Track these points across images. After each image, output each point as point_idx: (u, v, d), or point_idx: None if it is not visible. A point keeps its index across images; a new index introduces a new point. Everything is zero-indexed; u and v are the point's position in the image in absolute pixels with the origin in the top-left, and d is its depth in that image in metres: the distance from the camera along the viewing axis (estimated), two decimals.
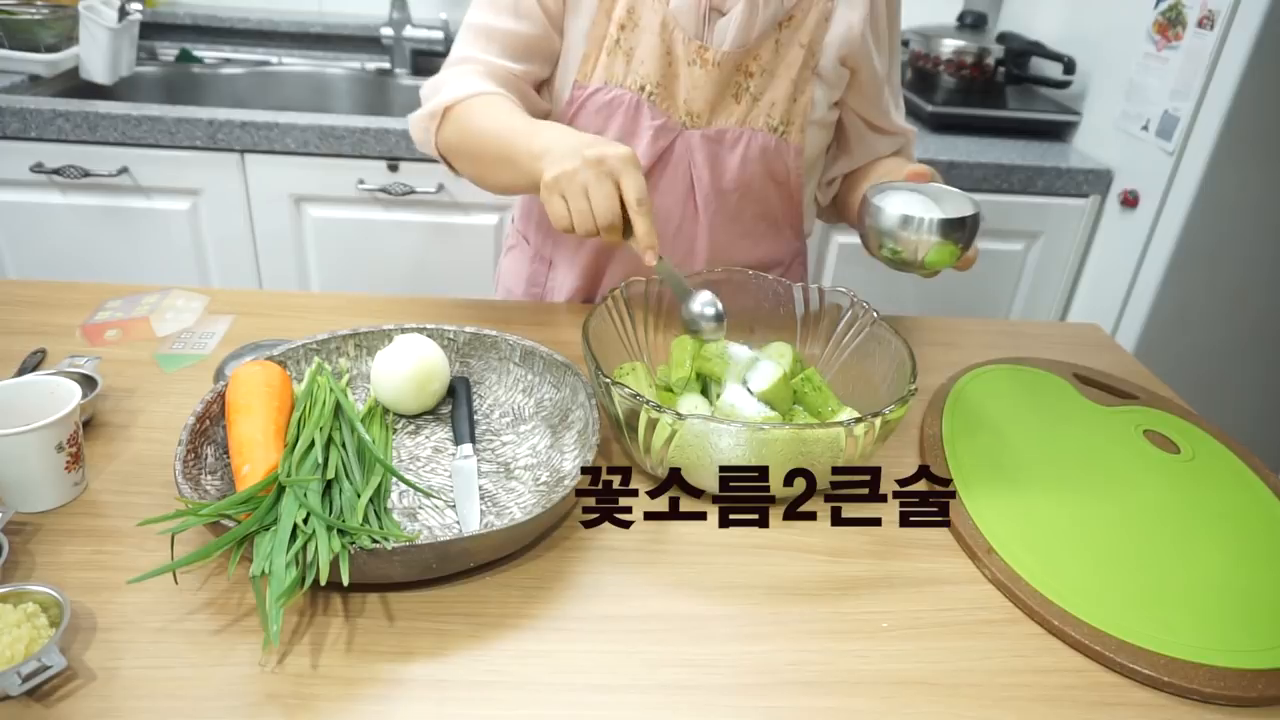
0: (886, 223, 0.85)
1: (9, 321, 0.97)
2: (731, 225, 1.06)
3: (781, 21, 0.97)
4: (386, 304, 1.07)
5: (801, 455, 0.72)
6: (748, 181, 1.03)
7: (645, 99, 0.98)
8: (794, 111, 1.00)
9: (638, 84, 0.98)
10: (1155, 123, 1.65)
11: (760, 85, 0.99)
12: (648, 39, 0.96)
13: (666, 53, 0.96)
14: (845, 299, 0.91)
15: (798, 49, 0.98)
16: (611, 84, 0.98)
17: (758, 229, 1.09)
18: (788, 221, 1.11)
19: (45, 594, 0.60)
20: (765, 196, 1.06)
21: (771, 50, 0.98)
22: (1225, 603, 0.71)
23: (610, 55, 0.97)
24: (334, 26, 2.10)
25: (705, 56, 0.96)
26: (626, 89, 0.98)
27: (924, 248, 0.84)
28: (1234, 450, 0.91)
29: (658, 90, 0.98)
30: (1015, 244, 1.84)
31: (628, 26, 0.96)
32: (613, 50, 0.97)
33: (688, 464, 0.74)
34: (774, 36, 0.97)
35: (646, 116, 0.98)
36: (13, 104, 1.55)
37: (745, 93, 0.99)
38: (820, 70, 0.99)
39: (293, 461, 0.71)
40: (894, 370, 0.82)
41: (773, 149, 1.01)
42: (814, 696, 0.61)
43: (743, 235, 1.08)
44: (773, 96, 0.99)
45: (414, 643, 0.63)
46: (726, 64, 0.96)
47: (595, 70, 0.98)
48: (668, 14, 0.95)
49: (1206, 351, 1.77)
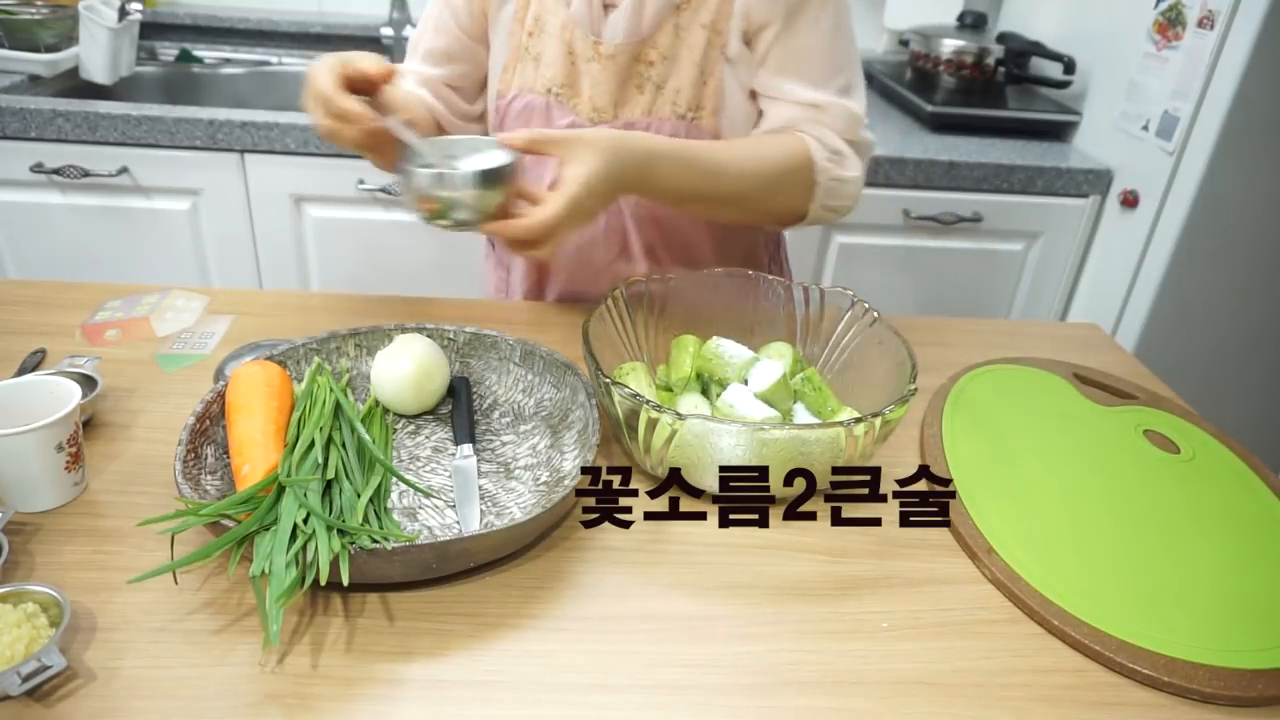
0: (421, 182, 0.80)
1: (9, 321, 0.97)
2: (663, 213, 1.05)
3: (679, 5, 0.95)
4: (386, 304, 1.07)
5: (801, 455, 0.72)
6: None
7: (553, 100, 0.99)
8: (704, 96, 0.98)
9: (545, 86, 0.99)
10: (1155, 123, 1.65)
11: (663, 73, 0.97)
12: (551, 42, 0.98)
13: (568, 53, 0.98)
14: (845, 299, 0.91)
15: (700, 31, 0.95)
16: (525, 90, 1.01)
17: (695, 221, 1.07)
18: None
19: (45, 594, 0.60)
20: None
21: (671, 36, 0.96)
22: (1225, 602, 0.71)
23: (522, 63, 1.00)
24: (334, 26, 2.10)
25: (600, 51, 0.96)
26: (537, 93, 1.00)
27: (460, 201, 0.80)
28: (1234, 450, 0.91)
29: (563, 90, 0.99)
30: (1015, 244, 1.84)
31: (535, 33, 0.99)
32: (523, 57, 1.00)
33: (688, 464, 0.74)
34: (672, 21, 0.96)
35: (557, 117, 1.00)
36: (13, 104, 1.55)
37: (648, 82, 0.98)
38: (729, 52, 0.97)
39: (293, 461, 0.71)
40: (894, 370, 0.82)
41: (683, 135, 0.98)
42: (814, 696, 0.61)
43: (687, 224, 1.06)
44: (677, 83, 0.97)
45: (414, 643, 0.63)
46: (621, 56, 0.96)
47: (513, 79, 1.02)
48: (567, 15, 0.97)
49: (1206, 351, 1.77)
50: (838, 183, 0.98)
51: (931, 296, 1.88)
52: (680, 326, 0.93)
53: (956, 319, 1.19)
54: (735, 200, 0.97)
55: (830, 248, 1.82)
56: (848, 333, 0.91)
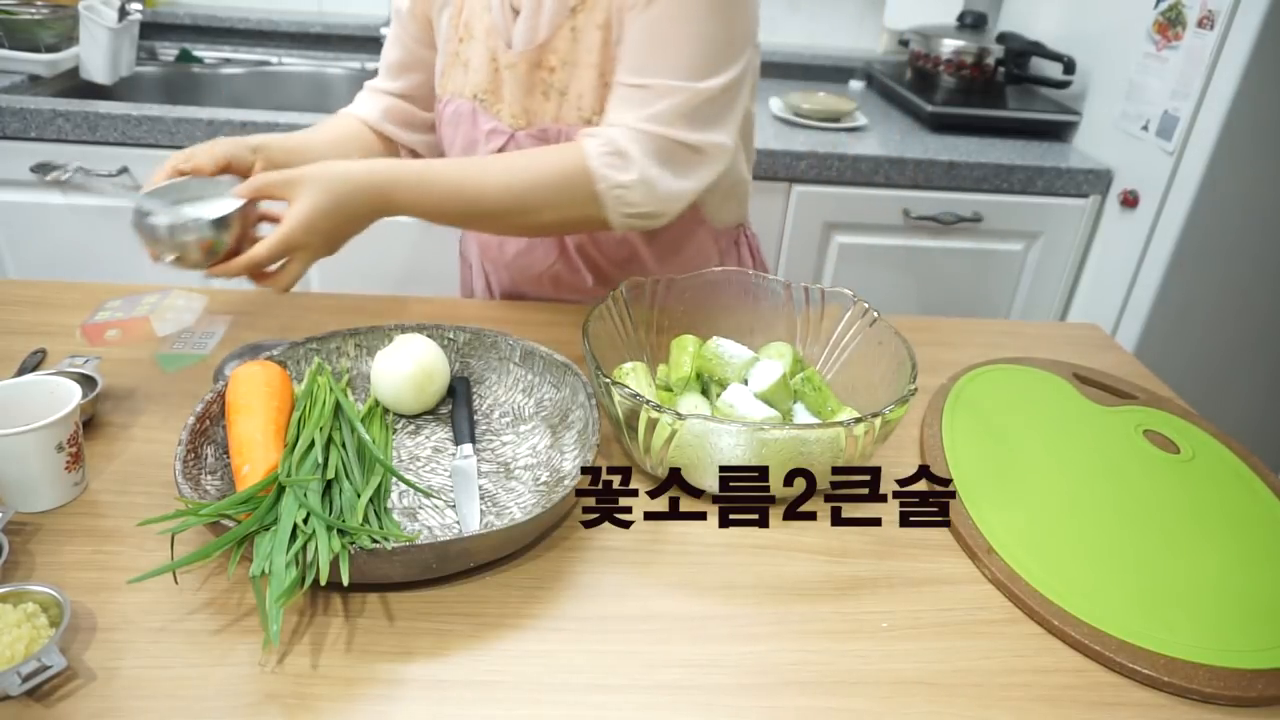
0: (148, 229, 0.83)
1: (9, 321, 0.97)
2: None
3: (575, 7, 0.91)
4: (386, 304, 1.07)
5: (801, 455, 0.72)
6: None
7: (478, 105, 0.99)
8: (606, 99, 0.93)
9: (472, 92, 0.99)
10: (1155, 123, 1.65)
11: (564, 79, 0.94)
12: (477, 48, 0.98)
13: (492, 59, 0.97)
14: (845, 299, 0.91)
15: (595, 31, 0.91)
16: (455, 95, 1.01)
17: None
18: None
19: (45, 594, 0.60)
20: None
21: (569, 41, 0.92)
22: (1225, 602, 0.71)
23: (454, 68, 1.01)
24: (334, 26, 2.10)
25: (507, 59, 0.96)
26: (464, 98, 1.00)
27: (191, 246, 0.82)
28: (1234, 450, 0.91)
29: (487, 95, 0.99)
30: (1015, 244, 1.84)
31: (465, 38, 0.99)
32: (454, 63, 1.00)
33: (688, 464, 0.74)
34: (569, 25, 0.92)
35: (481, 122, 1.00)
36: (13, 104, 1.55)
37: (552, 89, 0.95)
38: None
39: (293, 461, 0.71)
40: (894, 370, 0.82)
41: None
42: (814, 696, 0.61)
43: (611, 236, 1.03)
44: (579, 88, 0.94)
45: (414, 643, 0.63)
46: (522, 64, 0.95)
47: (447, 84, 1.02)
48: (490, 21, 0.96)
49: (1206, 351, 1.77)
50: (621, 189, 0.87)
51: (931, 296, 1.88)
52: (680, 327, 0.93)
53: (956, 319, 1.19)
54: (498, 216, 0.90)
55: (830, 248, 1.82)
56: (848, 333, 0.91)
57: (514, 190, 0.88)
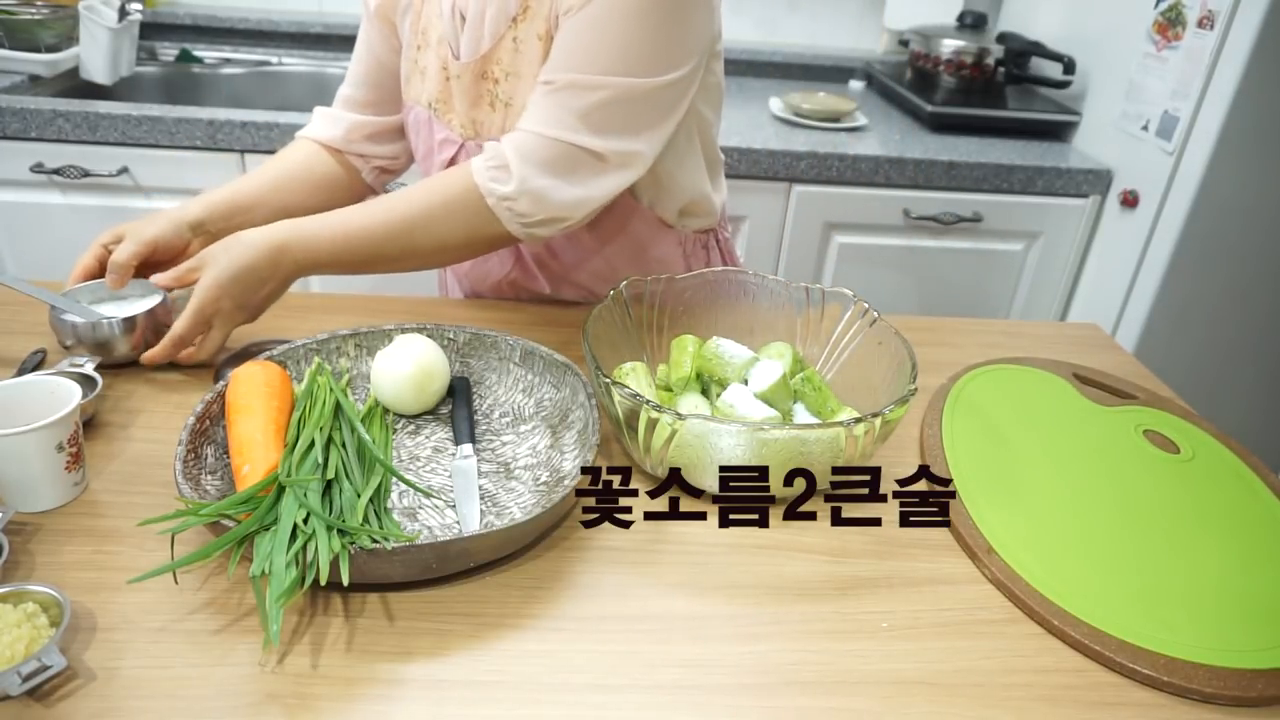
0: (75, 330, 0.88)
1: (9, 321, 0.97)
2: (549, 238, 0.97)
3: (515, 17, 0.89)
4: (386, 304, 1.07)
5: (801, 455, 0.72)
6: None
7: (432, 114, 0.99)
8: None
9: (427, 100, 0.99)
10: (1155, 123, 1.65)
11: (509, 90, 0.92)
12: (431, 56, 0.97)
13: (443, 68, 0.96)
14: (845, 299, 0.91)
15: (536, 42, 0.89)
16: (414, 103, 1.01)
17: (582, 233, 1.01)
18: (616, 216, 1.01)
19: (45, 594, 0.60)
20: None
21: (511, 50, 0.90)
22: (1225, 602, 0.71)
23: (413, 75, 1.00)
24: (334, 26, 2.10)
25: (455, 68, 0.95)
26: (422, 106, 1.00)
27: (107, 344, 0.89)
28: (1234, 450, 0.91)
29: (440, 105, 0.98)
30: (1015, 244, 1.84)
31: (422, 46, 0.98)
32: (414, 70, 1.00)
33: (688, 464, 0.74)
34: (510, 35, 0.90)
35: (436, 130, 0.99)
36: (13, 104, 1.56)
37: (497, 100, 0.93)
38: None
39: (293, 461, 0.71)
40: (894, 370, 0.82)
41: None
42: (814, 696, 0.61)
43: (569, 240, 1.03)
44: (523, 100, 0.91)
45: (414, 643, 0.63)
46: (467, 75, 0.94)
47: (409, 90, 1.02)
48: (443, 29, 0.96)
49: (1206, 351, 1.77)
50: (509, 201, 0.86)
51: (931, 296, 1.88)
52: (680, 327, 0.93)
53: (956, 319, 1.19)
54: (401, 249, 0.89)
55: (830, 248, 1.82)
56: (848, 333, 0.91)
57: (410, 219, 0.88)
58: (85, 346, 0.88)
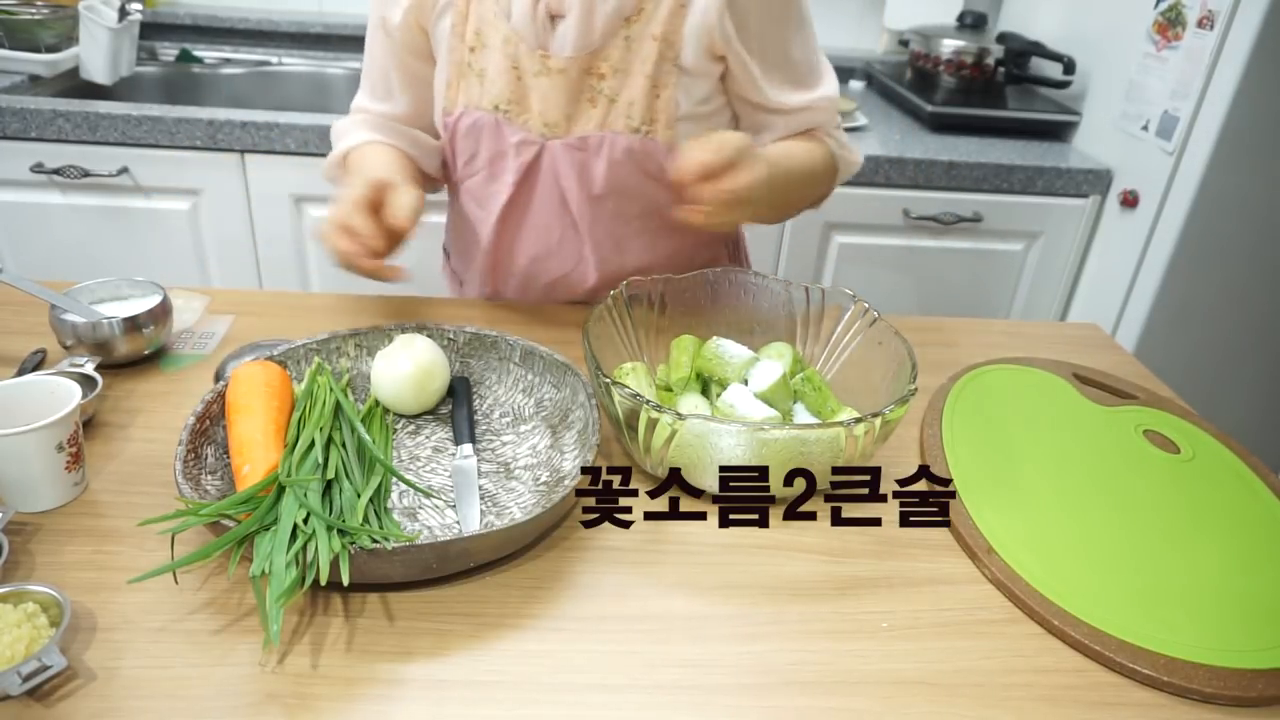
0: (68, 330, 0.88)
1: (9, 321, 0.97)
2: (616, 229, 1.04)
3: (629, 17, 0.93)
4: (386, 304, 1.07)
5: (801, 455, 0.72)
6: (619, 184, 1.00)
7: (501, 116, 0.98)
8: (656, 109, 0.95)
9: (492, 103, 0.97)
10: (1155, 123, 1.65)
11: (615, 86, 0.95)
12: (494, 57, 0.96)
13: (513, 67, 0.95)
14: (845, 299, 0.91)
15: (651, 43, 0.93)
16: (471, 107, 0.99)
17: (649, 227, 1.05)
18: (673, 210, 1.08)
19: (45, 594, 0.60)
20: (646, 195, 1.02)
21: (622, 48, 0.93)
22: (1225, 602, 0.71)
23: (465, 79, 0.98)
24: (334, 26, 2.10)
25: (549, 65, 0.94)
26: (484, 110, 0.98)
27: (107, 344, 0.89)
28: (1234, 450, 0.91)
29: (511, 106, 0.97)
30: (1015, 244, 1.84)
31: (476, 48, 0.96)
32: (466, 74, 0.98)
33: (688, 464, 0.74)
34: (623, 33, 0.93)
35: (507, 134, 0.98)
36: (13, 104, 1.56)
37: (600, 96, 0.95)
38: (682, 63, 0.94)
39: (293, 461, 0.71)
40: (894, 370, 0.82)
41: (639, 149, 0.97)
42: (814, 696, 0.61)
43: (633, 236, 1.05)
44: (630, 96, 0.95)
45: (414, 643, 0.63)
46: (572, 70, 0.94)
47: (458, 95, 0.99)
48: (509, 29, 0.94)
49: (1206, 351, 1.77)
50: (848, 165, 1.08)
51: (931, 296, 1.88)
52: (680, 327, 0.93)
53: (956, 319, 1.19)
54: (804, 204, 1.08)
55: (830, 248, 1.82)
56: (848, 333, 0.91)
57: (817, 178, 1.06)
58: (85, 346, 0.88)
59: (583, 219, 1.02)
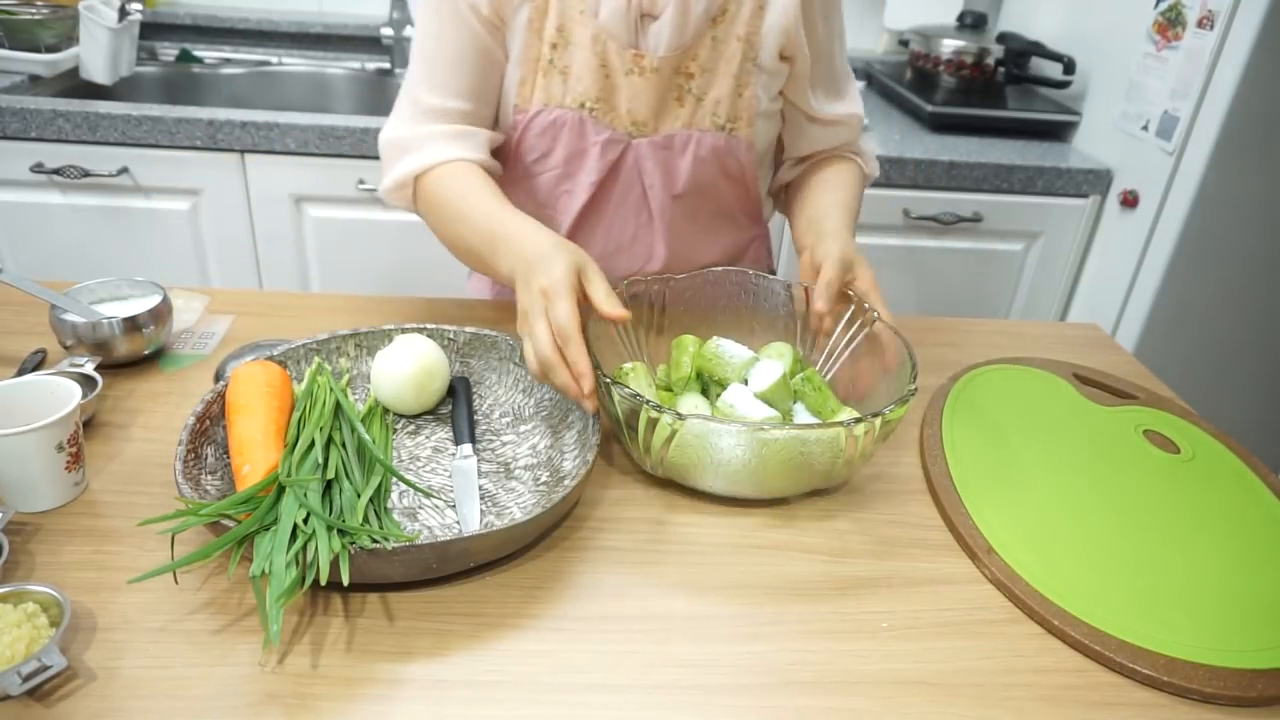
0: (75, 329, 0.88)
1: (9, 321, 0.97)
2: (688, 226, 1.06)
3: (715, 17, 0.95)
4: (386, 304, 1.07)
5: (801, 455, 0.72)
6: (700, 182, 1.02)
7: (587, 115, 0.97)
8: (739, 107, 0.99)
9: (577, 101, 0.97)
10: (1155, 123, 1.65)
11: (702, 85, 0.97)
12: (581, 55, 0.95)
13: (602, 65, 0.95)
14: (846, 299, 0.91)
15: (735, 43, 0.96)
16: (551, 105, 0.97)
17: (714, 225, 1.09)
18: (744, 212, 1.11)
19: (45, 594, 0.60)
20: (719, 193, 1.05)
21: (709, 48, 0.96)
22: (1225, 602, 0.71)
23: (546, 76, 0.96)
24: (334, 26, 2.10)
25: (642, 64, 0.95)
26: (567, 108, 0.97)
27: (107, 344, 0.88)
28: (1234, 450, 0.91)
29: (598, 105, 0.97)
30: (1015, 244, 1.84)
31: (559, 45, 0.95)
32: (548, 71, 0.96)
33: (688, 464, 0.74)
34: (710, 34, 0.95)
35: (591, 133, 0.98)
36: (13, 104, 1.56)
37: (688, 94, 0.98)
38: (761, 63, 0.97)
39: (293, 461, 0.71)
40: (894, 370, 0.82)
41: (723, 147, 1.00)
42: (814, 696, 0.61)
43: (700, 233, 1.08)
44: (716, 95, 0.98)
45: (414, 643, 0.63)
46: (665, 68, 0.95)
47: (534, 93, 0.97)
48: (598, 27, 0.94)
49: (1206, 351, 1.77)
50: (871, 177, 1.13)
51: (931, 296, 1.88)
52: (680, 327, 0.93)
53: (956, 319, 1.19)
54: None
55: None
56: (848, 333, 0.91)
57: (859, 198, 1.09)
58: (85, 346, 0.88)
59: (660, 216, 1.03)
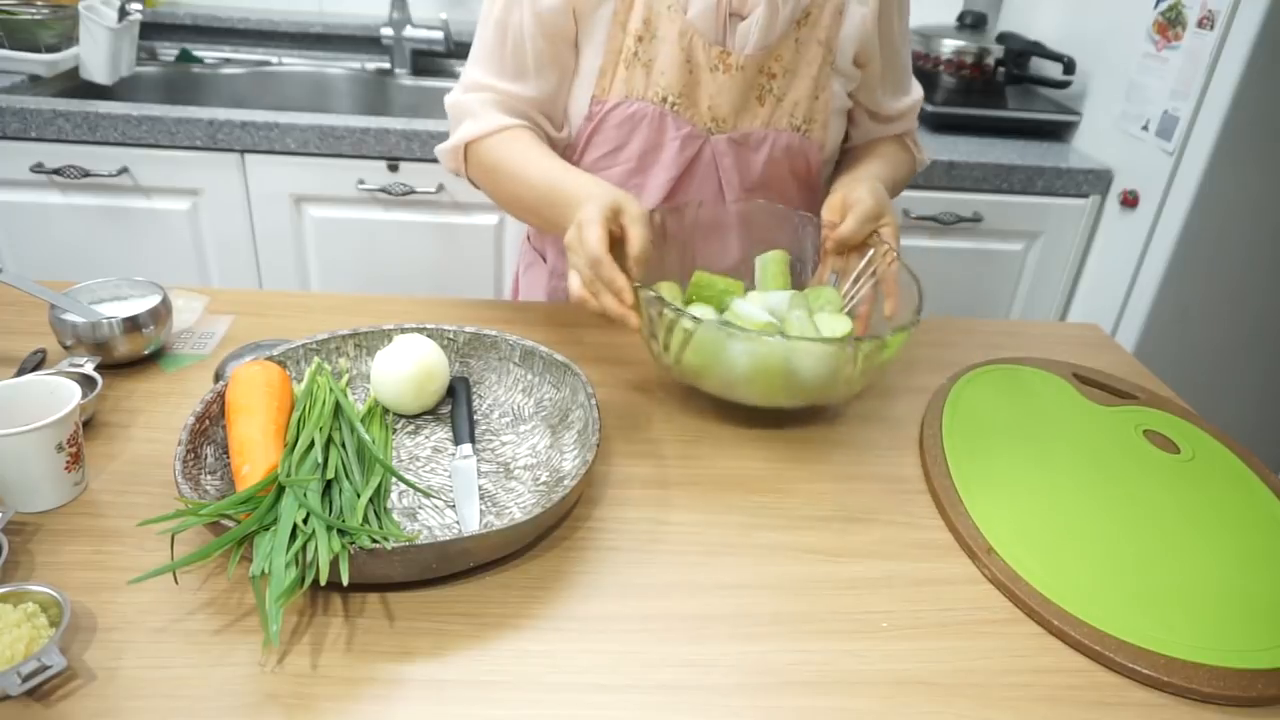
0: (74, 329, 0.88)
1: (9, 321, 0.97)
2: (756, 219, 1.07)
3: (799, 20, 0.97)
4: (386, 304, 1.07)
5: (790, 365, 0.78)
6: (769, 179, 1.05)
7: (668, 109, 0.98)
8: (815, 109, 1.02)
9: (659, 95, 0.97)
10: (1155, 123, 1.65)
11: (783, 86, 1.00)
12: (667, 49, 0.95)
13: (686, 61, 0.96)
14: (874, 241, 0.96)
15: (816, 46, 0.99)
16: (632, 97, 0.98)
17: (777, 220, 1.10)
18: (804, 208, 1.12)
19: (45, 594, 0.60)
20: (785, 190, 1.07)
21: (792, 50, 0.98)
22: (1225, 602, 0.71)
23: (629, 68, 0.97)
24: (334, 26, 2.10)
25: (728, 61, 0.96)
26: (648, 101, 0.97)
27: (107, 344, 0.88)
28: (1234, 450, 0.91)
29: (680, 100, 0.98)
30: (1015, 244, 1.84)
31: (645, 38, 0.96)
32: (631, 63, 0.96)
33: (701, 365, 0.80)
34: (793, 36, 0.98)
35: (671, 127, 0.99)
36: (13, 104, 1.55)
37: (769, 94, 1.00)
38: (838, 66, 1.01)
39: (293, 461, 0.71)
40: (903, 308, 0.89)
41: (796, 147, 1.03)
42: (814, 696, 0.61)
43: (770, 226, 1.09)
44: (795, 96, 1.00)
45: (414, 643, 0.63)
46: (750, 67, 0.97)
47: (613, 84, 0.98)
48: (685, 23, 0.95)
49: (1206, 351, 1.77)
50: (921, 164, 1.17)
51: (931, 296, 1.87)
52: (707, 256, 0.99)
53: (956, 319, 1.19)
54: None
55: None
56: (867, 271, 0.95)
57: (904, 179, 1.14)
58: (85, 346, 0.88)
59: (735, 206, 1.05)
